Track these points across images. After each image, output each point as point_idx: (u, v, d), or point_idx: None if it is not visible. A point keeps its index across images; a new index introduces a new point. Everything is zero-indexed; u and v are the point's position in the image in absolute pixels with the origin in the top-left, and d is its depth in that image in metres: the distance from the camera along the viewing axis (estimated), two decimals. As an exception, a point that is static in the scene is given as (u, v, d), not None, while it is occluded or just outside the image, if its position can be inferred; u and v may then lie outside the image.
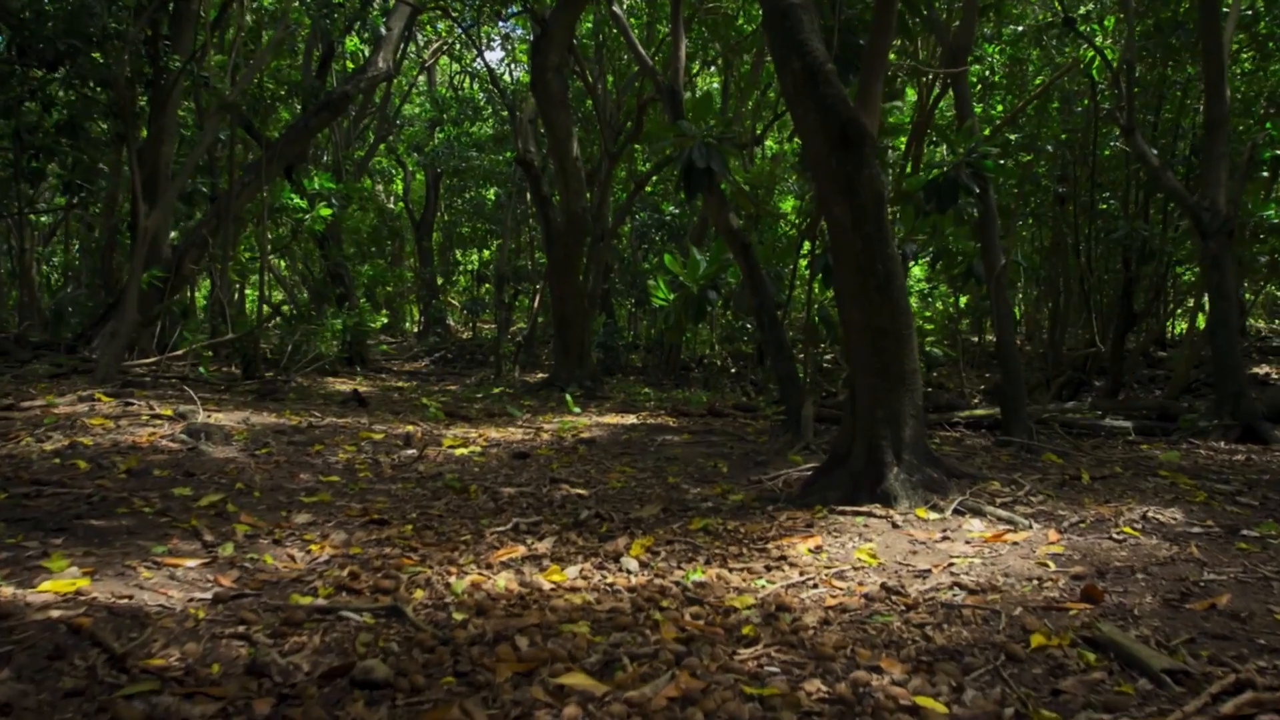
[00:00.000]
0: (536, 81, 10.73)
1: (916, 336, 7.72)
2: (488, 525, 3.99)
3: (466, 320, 25.99)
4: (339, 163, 18.26)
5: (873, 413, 4.20)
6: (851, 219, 4.18)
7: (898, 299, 4.19)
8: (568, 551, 3.58)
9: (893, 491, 4.05)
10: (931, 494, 4.08)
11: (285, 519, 3.92)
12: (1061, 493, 4.37)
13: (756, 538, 3.76)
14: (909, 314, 4.25)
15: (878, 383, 4.20)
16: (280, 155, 13.74)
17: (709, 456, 5.86)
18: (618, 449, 6.28)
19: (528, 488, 4.83)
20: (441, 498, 4.53)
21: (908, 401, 4.20)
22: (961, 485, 4.27)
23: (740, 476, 5.15)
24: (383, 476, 5.01)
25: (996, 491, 4.26)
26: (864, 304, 4.21)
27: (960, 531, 3.67)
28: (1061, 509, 4.00)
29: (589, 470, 5.42)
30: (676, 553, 3.56)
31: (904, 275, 4.28)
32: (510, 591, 3.06)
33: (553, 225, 11.48)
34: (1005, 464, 5.43)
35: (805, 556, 3.45)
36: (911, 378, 4.22)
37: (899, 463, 4.14)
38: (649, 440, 6.63)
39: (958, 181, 6.02)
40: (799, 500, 4.30)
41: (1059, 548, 3.39)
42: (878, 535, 3.68)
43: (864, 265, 4.18)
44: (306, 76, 16.31)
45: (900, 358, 4.19)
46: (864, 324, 4.22)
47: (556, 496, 4.61)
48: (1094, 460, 5.76)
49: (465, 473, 5.24)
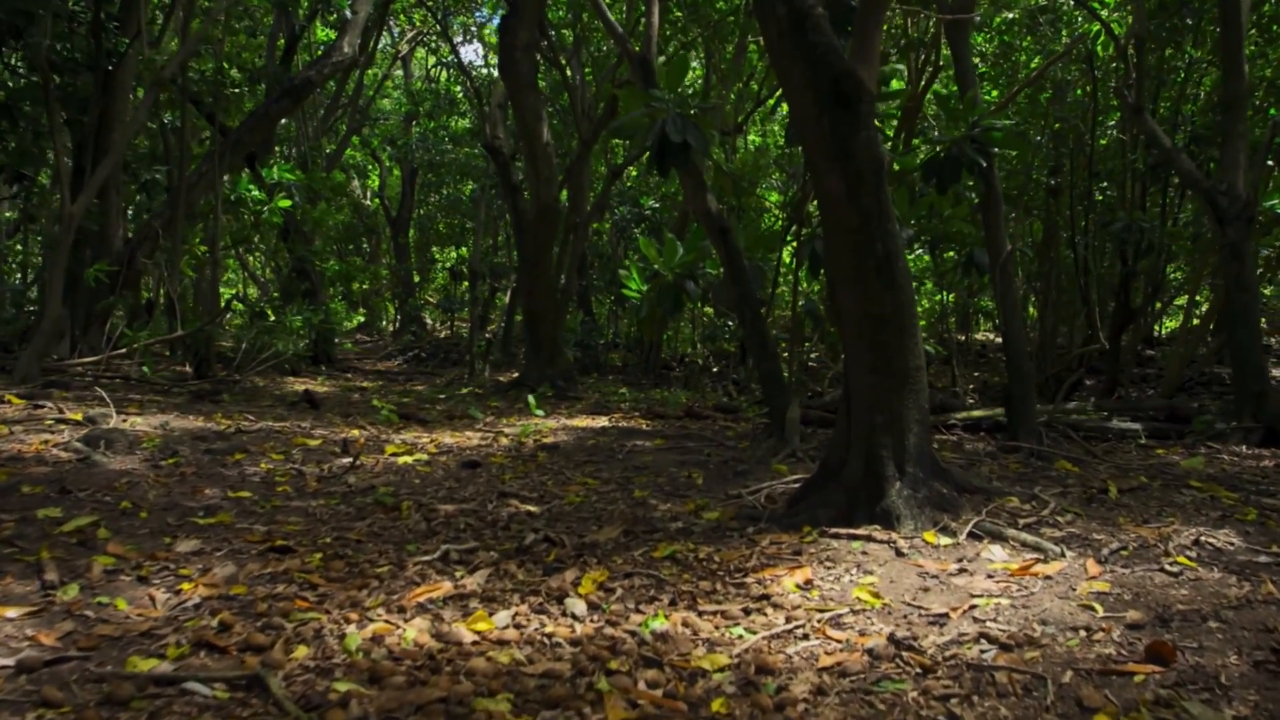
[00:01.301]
0: (505, 62, 10.05)
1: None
2: (413, 553, 3.33)
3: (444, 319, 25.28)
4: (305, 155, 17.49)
5: (871, 416, 3.57)
6: (846, 190, 3.55)
7: (900, 283, 3.56)
8: (503, 588, 2.92)
9: (895, 510, 3.42)
10: (941, 513, 3.45)
11: (166, 547, 3.24)
12: (1091, 510, 3.76)
13: (733, 569, 3.12)
14: (913, 300, 3.62)
15: (877, 381, 3.57)
16: (240, 144, 13.01)
17: (683, 465, 5.22)
18: (582, 456, 5.63)
19: (471, 504, 4.17)
20: (367, 517, 3.87)
21: (911, 403, 3.57)
22: (975, 502, 3.65)
23: (717, 489, 4.51)
24: (304, 491, 4.33)
25: (1016, 510, 3.64)
26: (861, 289, 3.58)
27: (979, 562, 3.04)
28: (1095, 532, 3.39)
29: (546, 482, 4.76)
30: (636, 590, 2.91)
31: (906, 259, 3.66)
32: (419, 647, 2.40)
33: (522, 215, 10.81)
34: (1016, 474, 4.82)
35: (792, 594, 2.81)
36: (916, 375, 3.59)
37: (902, 476, 3.52)
38: (618, 446, 5.98)
39: (961, 157, 5.41)
40: (785, 520, 3.66)
41: (1103, 584, 2.77)
42: (879, 566, 3.05)
43: (861, 244, 3.55)
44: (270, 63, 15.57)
45: (903, 352, 3.57)
46: (861, 312, 3.59)
47: (503, 515, 3.95)
48: (1112, 468, 5.17)
49: (403, 485, 4.58)
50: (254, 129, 13.18)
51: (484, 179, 18.77)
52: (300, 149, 17.66)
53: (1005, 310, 5.49)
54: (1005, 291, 5.51)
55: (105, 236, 11.80)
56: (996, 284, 5.53)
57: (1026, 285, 16.29)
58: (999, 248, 5.54)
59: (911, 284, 3.62)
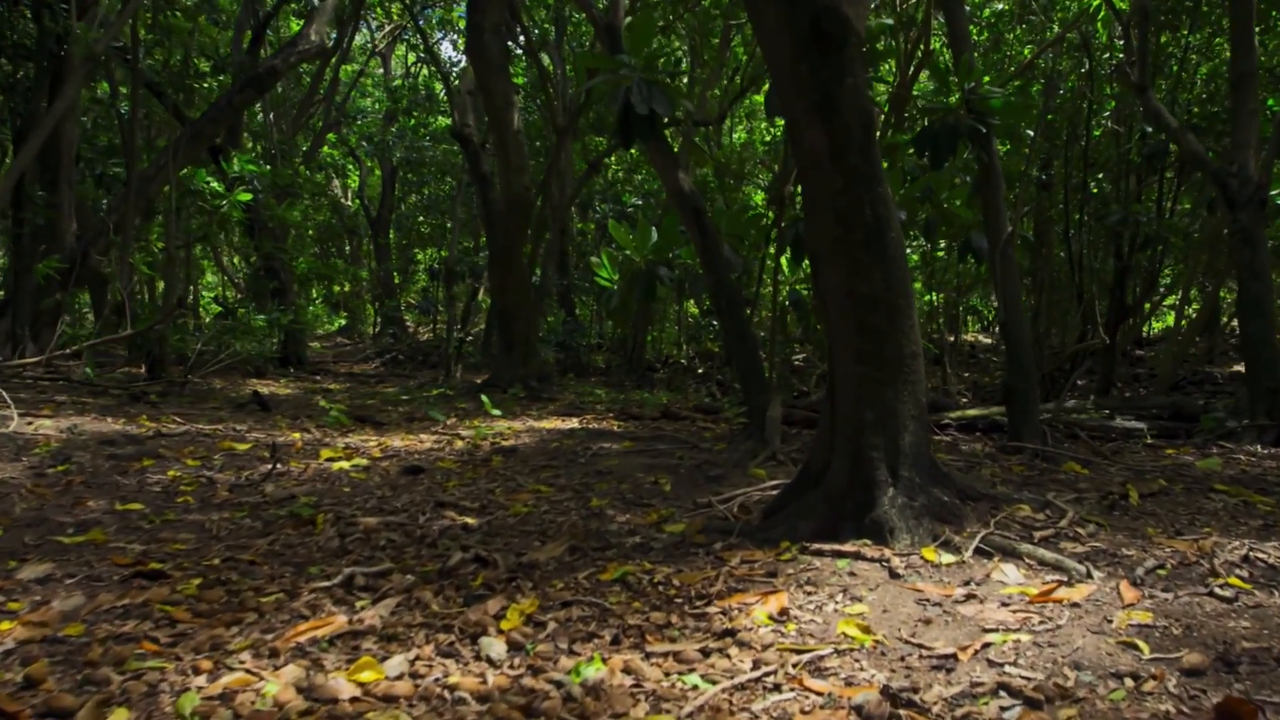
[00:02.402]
0: (473, 43, 9.51)
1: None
2: (314, 576, 2.78)
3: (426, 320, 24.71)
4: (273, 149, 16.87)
5: (858, 412, 3.04)
6: (829, 147, 3.03)
7: (892, 255, 3.04)
8: (409, 623, 2.37)
9: (888, 522, 2.89)
10: (942, 525, 2.93)
11: (7, 574, 2.67)
12: (1114, 520, 3.24)
13: (694, 595, 2.58)
14: (907, 276, 3.10)
15: (865, 371, 3.05)
16: (201, 136, 12.43)
17: (651, 470, 4.68)
18: (542, 460, 5.09)
19: (400, 516, 3.62)
20: (273, 533, 3.31)
21: (906, 396, 3.05)
22: (981, 511, 3.13)
23: (686, 497, 3.98)
24: (209, 502, 3.77)
25: (1029, 520, 3.11)
26: (846, 263, 3.05)
27: (990, 585, 2.52)
28: (1124, 546, 2.87)
29: (494, 490, 4.22)
30: (572, 624, 2.37)
31: (900, 228, 3.13)
32: (278, 708, 1.85)
33: (492, 206, 10.26)
34: (1021, 477, 4.31)
35: (763, 628, 2.28)
36: (910, 364, 3.07)
37: (895, 481, 2.99)
38: (583, 449, 5.44)
39: (957, 128, 4.91)
40: (759, 533, 3.13)
41: (1144, 613, 2.25)
42: (870, 590, 2.52)
43: (846, 210, 3.03)
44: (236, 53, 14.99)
45: (895, 336, 3.04)
46: (846, 291, 3.06)
47: (434, 529, 3.40)
48: (1125, 470, 4.67)
49: (329, 495, 4.02)
50: (215, 120, 12.60)
51: (463, 175, 18.19)
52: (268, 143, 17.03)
53: (1006, 297, 4.98)
54: (1006, 277, 5.00)
55: (57, 232, 11.17)
56: (996, 269, 5.02)
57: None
58: (999, 228, 5.03)
59: (906, 257, 3.10)
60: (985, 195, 5.15)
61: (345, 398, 10.07)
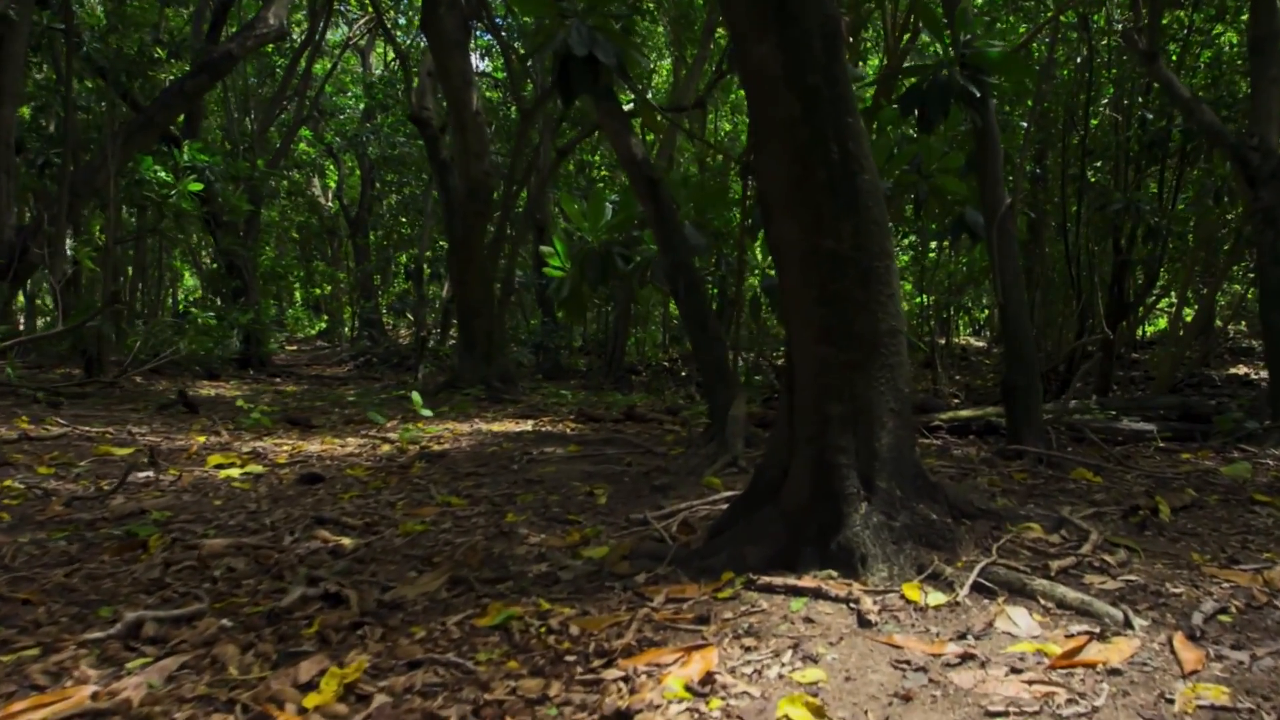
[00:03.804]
0: (428, 19, 8.85)
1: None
2: (99, 622, 2.09)
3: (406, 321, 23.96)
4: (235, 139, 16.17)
5: (823, 406, 2.37)
6: (784, 64, 2.36)
7: (865, 204, 2.37)
8: (181, 697, 1.68)
9: (859, 547, 2.22)
10: (930, 551, 2.25)
11: None
12: (1146, 542, 2.57)
13: (594, 651, 1.90)
14: (885, 230, 2.42)
15: (831, 353, 2.37)
16: (152, 123, 11.72)
17: (590, 478, 3.99)
18: (471, 466, 4.40)
19: (262, 536, 2.93)
20: (85, 560, 2.61)
21: (884, 385, 2.38)
22: (979, 533, 2.45)
23: (622, 511, 3.29)
24: (29, 519, 3.07)
25: (1040, 543, 2.44)
26: (806, 213, 2.38)
27: (994, 638, 1.84)
28: (1167, 579, 2.19)
29: (395, 503, 3.53)
30: (409, 698, 1.69)
31: (876, 171, 2.46)
32: None
33: (452, 194, 9.58)
34: (1025, 488, 3.64)
35: (675, 705, 1.60)
36: (890, 344, 2.40)
37: (870, 493, 2.32)
38: (522, 454, 4.75)
39: (950, 85, 4.25)
40: (697, 560, 2.45)
41: (1216, 688, 1.57)
42: (831, 646, 1.84)
43: (806, 145, 2.36)
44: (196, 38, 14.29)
45: (870, 308, 2.37)
46: (806, 249, 2.39)
47: (294, 554, 2.71)
48: (1143, 477, 4.02)
49: (191, 510, 3.33)
50: (167, 107, 11.88)
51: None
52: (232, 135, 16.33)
53: (1004, 279, 4.32)
54: (1004, 255, 4.34)
55: (-8, 222, 10.42)
56: (993, 247, 4.36)
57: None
58: (996, 200, 4.37)
59: (883, 206, 2.43)
60: (981, 163, 4.50)
61: (293, 400, 9.37)
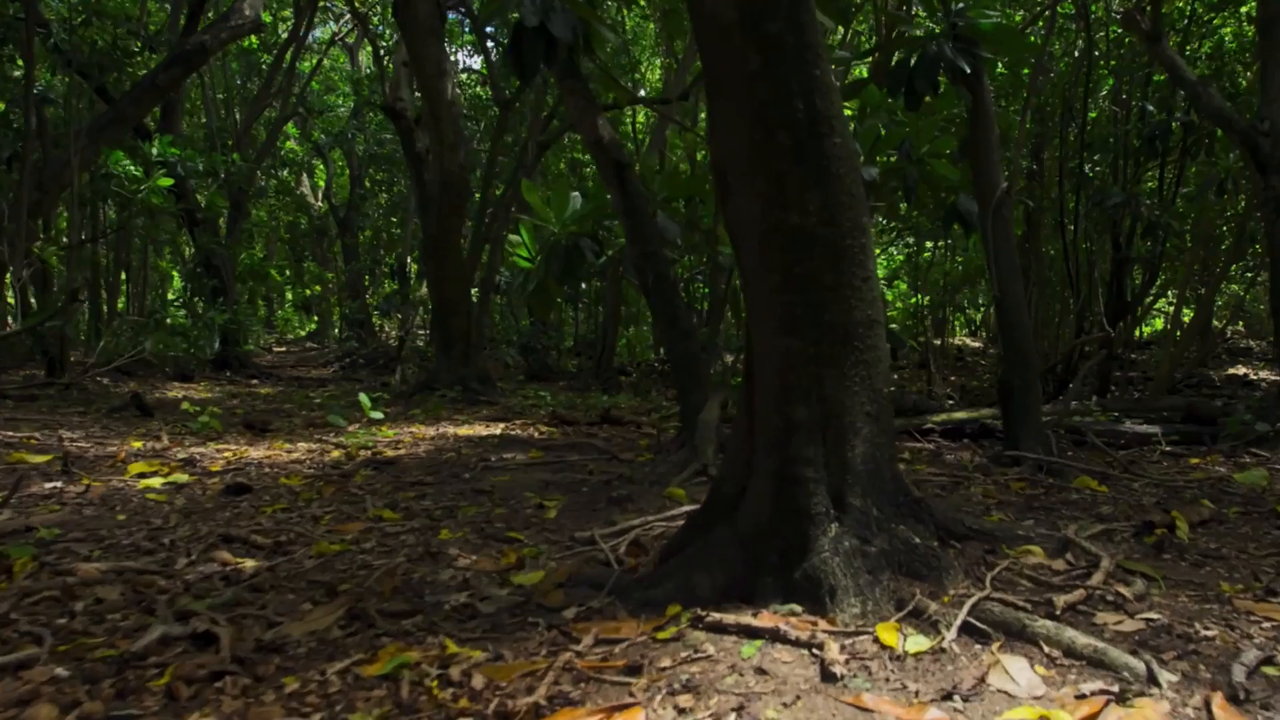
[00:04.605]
0: (400, 5, 8.48)
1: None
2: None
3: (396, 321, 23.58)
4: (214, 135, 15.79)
5: (787, 409, 2.01)
6: (740, 8, 2.01)
7: (836, 172, 2.01)
8: (-49, 783, 1.32)
9: (828, 577, 1.86)
10: (911, 582, 1.89)
11: None
12: (1166, 567, 2.21)
13: (494, 713, 1.54)
14: (862, 203, 2.06)
15: (796, 347, 2.01)
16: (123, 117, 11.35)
17: (545, 488, 3.63)
18: (419, 474, 4.03)
19: (149, 559, 2.56)
20: (-69, 589, 2.25)
21: (859, 385, 2.02)
22: (970, 559, 2.09)
23: (571, 527, 2.93)
24: (-110, 539, 2.70)
25: (1043, 571, 2.08)
26: (767, 183, 2.02)
27: (987, 697, 1.48)
28: (1195, 616, 1.83)
29: (323, 517, 3.16)
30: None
31: (850, 133, 2.10)
32: None
33: (427, 188, 9.21)
34: (1024, 499, 3.29)
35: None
36: (866, 336, 2.04)
37: (841, 512, 1.96)
38: (480, 460, 4.38)
39: (939, 58, 3.90)
40: (641, 590, 2.08)
41: (1274, 775, 1.22)
42: (785, 709, 1.48)
43: (767, 103, 2.00)
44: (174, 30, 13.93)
45: (843, 294, 2.02)
46: (768, 225, 2.03)
47: (181, 581, 2.35)
48: (1151, 486, 3.67)
49: (86, 526, 2.96)
50: (139, 101, 11.51)
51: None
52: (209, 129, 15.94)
53: (1000, 269, 3.97)
54: (1000, 245, 3.99)
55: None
56: (988, 235, 4.01)
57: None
58: (991, 184, 4.02)
59: (859, 176, 2.08)
60: (974, 145, 4.14)
61: (263, 402, 9.01)
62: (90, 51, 11.79)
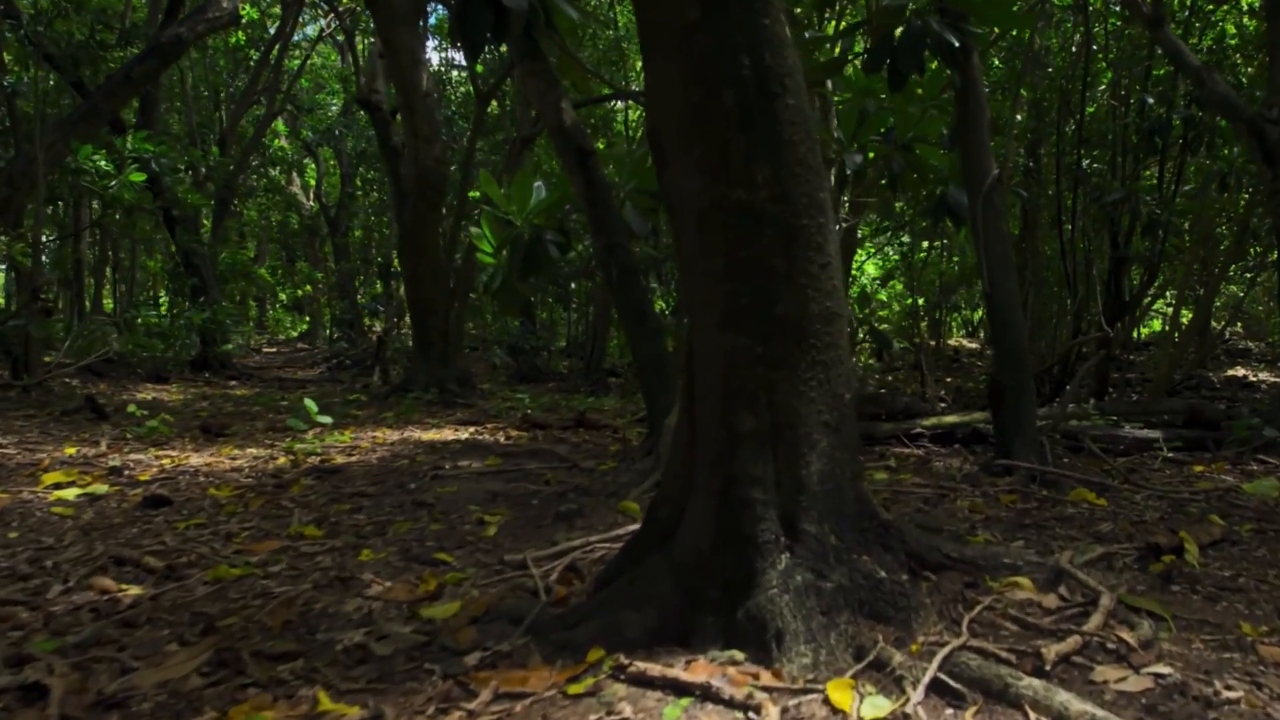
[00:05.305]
0: (374, -8, 8.18)
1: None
2: None
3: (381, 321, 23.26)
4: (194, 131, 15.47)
5: (731, 417, 1.71)
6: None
7: (788, 139, 1.71)
8: None
9: (775, 619, 1.56)
10: (874, 626, 1.59)
11: None
12: (1175, 601, 1.90)
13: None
14: (819, 177, 1.76)
15: (741, 344, 1.71)
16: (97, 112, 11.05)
17: (493, 500, 3.33)
18: (363, 484, 3.73)
19: (20, 586, 2.26)
20: None
21: (816, 389, 1.72)
22: (946, 595, 1.79)
23: (509, 546, 2.63)
24: None
25: (1031, 611, 1.77)
26: (707, 153, 1.72)
27: (957, 788, 1.18)
28: (1214, 669, 1.53)
29: (240, 534, 2.86)
30: None
31: (805, 94, 1.80)
32: None
33: (403, 183, 8.91)
34: (1014, 515, 2.98)
35: None
36: (825, 332, 1.74)
37: (794, 542, 1.66)
38: (434, 468, 4.08)
39: (924, 35, 3.61)
40: (562, 629, 1.78)
41: None
42: (704, 796, 1.18)
43: (706, 58, 1.70)
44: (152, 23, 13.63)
45: (797, 282, 1.71)
46: (710, 201, 1.73)
47: (45, 614, 2.05)
48: (1153, 497, 3.37)
49: (-30, 544, 2.65)
50: (113, 94, 11.19)
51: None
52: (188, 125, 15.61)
53: (991, 263, 3.67)
54: (991, 234, 3.69)
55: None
56: (978, 225, 3.71)
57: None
58: (982, 171, 3.72)
59: (817, 148, 1.77)
60: (963, 128, 3.84)
61: (234, 405, 8.69)
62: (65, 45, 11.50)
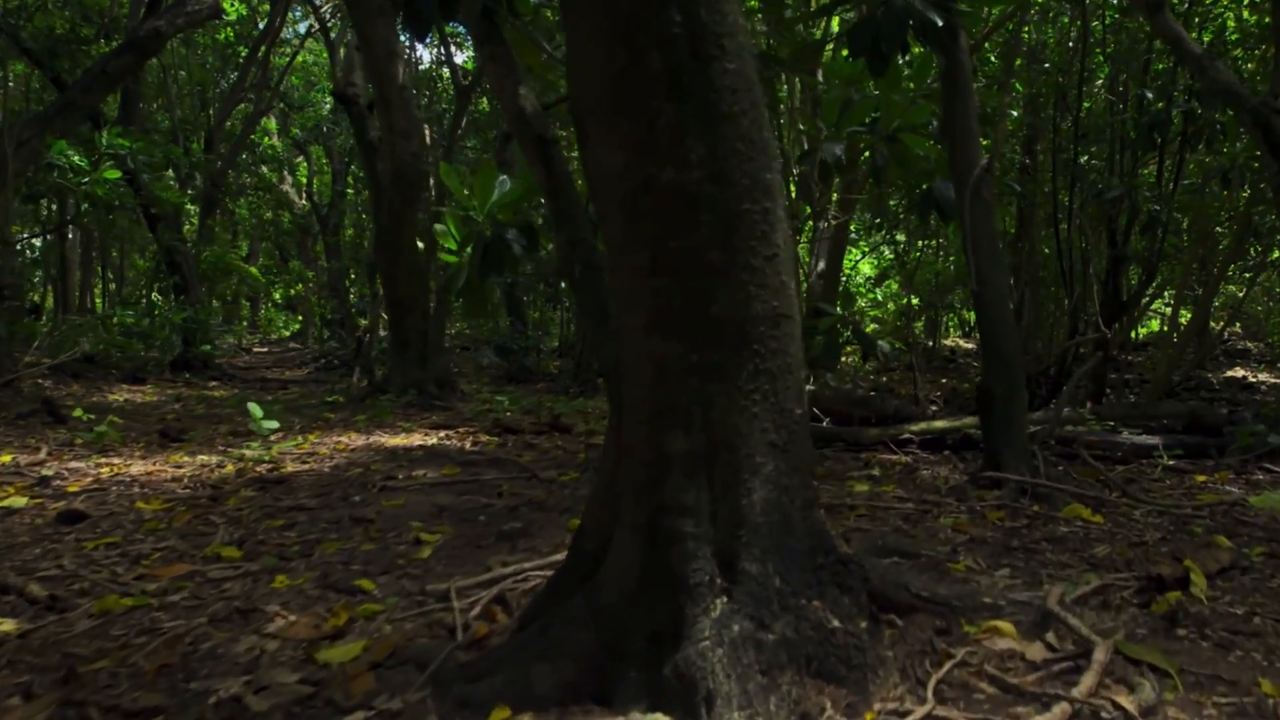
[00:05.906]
0: (349, -19, 7.92)
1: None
2: None
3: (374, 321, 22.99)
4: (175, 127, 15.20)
5: (659, 436, 1.46)
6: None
7: (727, 111, 1.45)
8: None
9: (706, 678, 1.30)
10: (823, 688, 1.34)
11: None
12: (1182, 651, 1.65)
13: None
14: (766, 156, 1.51)
15: (672, 352, 1.46)
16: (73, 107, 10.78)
17: (438, 515, 3.08)
18: (305, 496, 3.47)
19: (-127, 622, 2.01)
20: None
21: (761, 405, 1.46)
22: (912, 647, 1.54)
23: (441, 572, 2.37)
24: None
25: (1011, 663, 1.51)
26: (633, 125, 1.47)
27: None
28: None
29: (151, 555, 2.60)
30: None
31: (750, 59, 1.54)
32: None
33: (379, 178, 8.65)
34: (1001, 534, 2.73)
35: None
36: (771, 337, 1.48)
37: (732, 584, 1.40)
38: (383, 479, 3.82)
39: (907, 12, 3.35)
40: (465, 682, 1.53)
41: None
42: None
43: (632, 16, 1.44)
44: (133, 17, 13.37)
45: (737, 278, 1.46)
46: (636, 183, 1.47)
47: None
48: (1154, 514, 3.12)
49: None
50: (89, 89, 10.92)
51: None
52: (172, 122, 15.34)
53: (979, 259, 3.42)
54: (980, 228, 3.44)
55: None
56: (965, 218, 3.46)
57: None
58: (969, 161, 3.47)
59: (763, 121, 1.52)
60: (949, 115, 3.60)
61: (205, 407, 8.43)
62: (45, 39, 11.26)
